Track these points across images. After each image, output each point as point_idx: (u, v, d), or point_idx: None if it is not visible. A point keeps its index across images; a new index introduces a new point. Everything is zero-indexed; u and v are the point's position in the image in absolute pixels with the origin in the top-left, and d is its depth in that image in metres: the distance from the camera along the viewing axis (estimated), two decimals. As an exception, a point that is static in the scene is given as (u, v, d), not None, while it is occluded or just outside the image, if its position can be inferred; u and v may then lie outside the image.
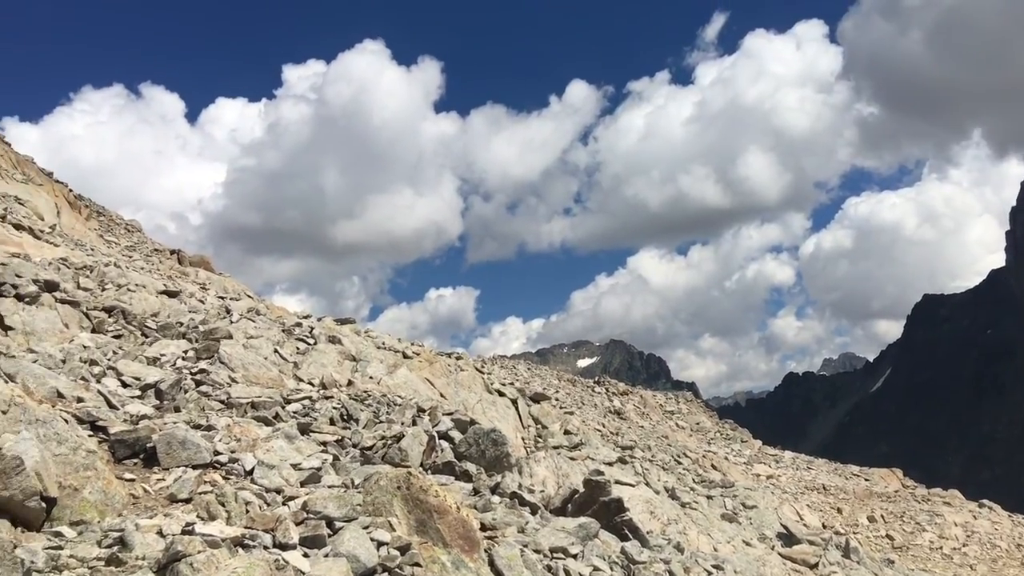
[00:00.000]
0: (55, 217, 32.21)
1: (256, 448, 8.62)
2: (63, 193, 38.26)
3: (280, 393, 11.66)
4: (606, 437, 31.51)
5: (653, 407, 51.45)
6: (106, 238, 35.80)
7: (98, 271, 17.23)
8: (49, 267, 15.38)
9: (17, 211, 27.21)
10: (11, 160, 37.31)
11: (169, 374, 10.88)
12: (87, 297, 14.01)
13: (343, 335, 17.39)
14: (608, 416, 43.72)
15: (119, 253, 31.96)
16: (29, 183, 34.51)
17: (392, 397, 13.13)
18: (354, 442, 10.28)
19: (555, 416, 20.95)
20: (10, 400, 7.22)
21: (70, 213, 35.56)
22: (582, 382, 53.61)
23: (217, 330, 13.74)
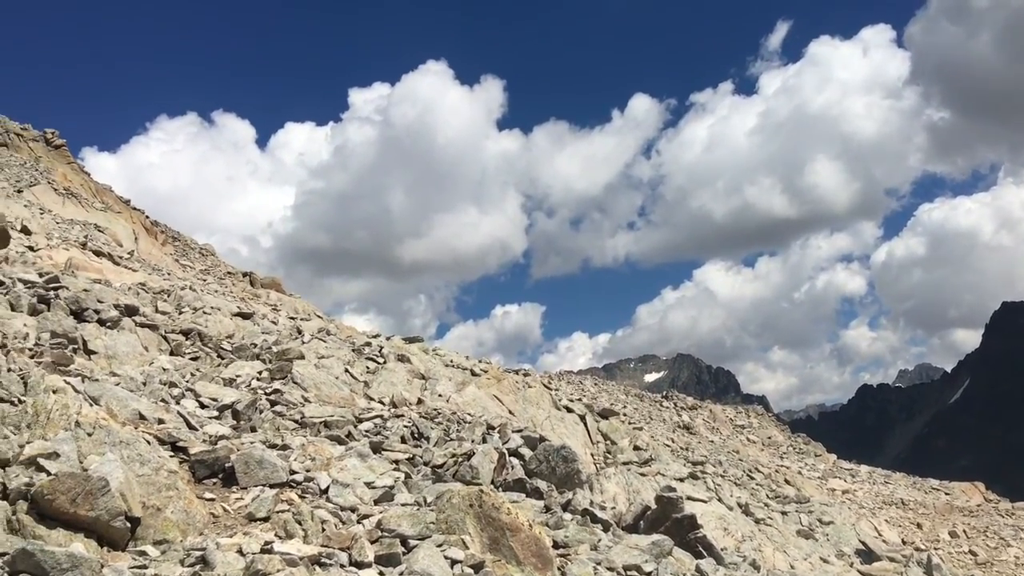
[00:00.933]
0: (133, 243, 33.26)
1: (330, 467, 8.75)
2: (140, 220, 39.52)
3: (352, 412, 11.82)
4: (676, 452, 31.13)
5: (723, 421, 50.68)
6: (181, 262, 36.82)
7: (175, 295, 17.73)
8: (129, 292, 15.88)
9: (97, 238, 28.19)
10: (91, 189, 38.69)
11: (245, 395, 11.12)
12: (165, 320, 14.43)
13: (412, 354, 17.58)
14: (677, 431, 43.21)
15: (194, 277, 32.84)
16: (108, 211, 35.72)
17: (462, 415, 13.21)
18: (425, 460, 10.36)
19: (624, 432, 20.80)
20: (95, 423, 7.46)
21: (147, 239, 36.67)
22: (650, 397, 53.11)
23: (290, 351, 14.01)
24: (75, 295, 12.77)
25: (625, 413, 38.01)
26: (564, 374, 59.83)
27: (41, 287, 12.78)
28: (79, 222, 30.53)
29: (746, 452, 42.30)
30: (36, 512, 5.93)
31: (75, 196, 34.89)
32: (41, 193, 32.22)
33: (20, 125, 39.88)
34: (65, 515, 5.97)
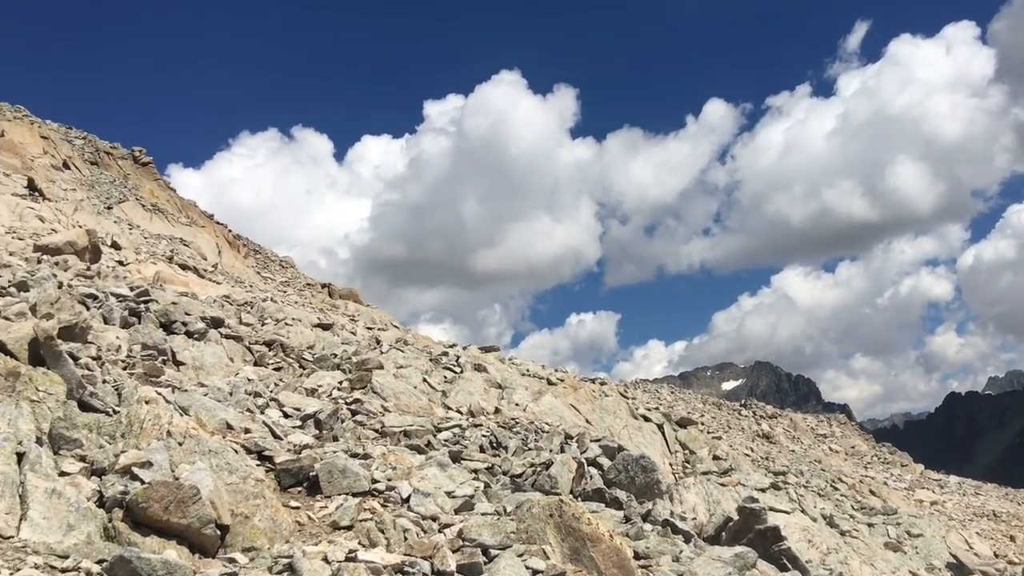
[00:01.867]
0: (217, 256, 34.21)
1: (411, 476, 8.85)
2: (223, 234, 40.63)
3: (431, 421, 11.93)
4: (756, 462, 30.60)
5: (804, 430, 49.64)
6: (263, 274, 37.71)
7: (258, 307, 18.17)
8: (214, 304, 16.33)
9: (183, 252, 29.08)
10: (176, 204, 39.94)
11: (327, 404, 11.32)
12: (249, 332, 14.79)
13: (488, 363, 17.67)
14: (756, 440, 42.49)
15: (275, 288, 33.61)
16: (193, 225, 36.83)
17: (539, 424, 13.22)
18: (504, 469, 10.39)
19: (702, 441, 20.53)
20: (185, 432, 7.69)
21: (230, 252, 37.66)
22: (728, 405, 52.34)
23: (369, 361, 14.22)
24: (164, 308, 13.18)
25: (703, 422, 37.54)
26: (640, 383, 59.41)
27: (132, 300, 13.22)
28: (165, 237, 31.55)
29: (829, 462, 41.32)
30: (131, 519, 6.12)
31: (161, 211, 36.06)
32: (130, 209, 33.38)
33: (109, 144, 41.42)
34: (158, 522, 6.16)
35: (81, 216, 27.00)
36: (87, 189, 32.28)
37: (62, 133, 38.25)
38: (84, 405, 7.53)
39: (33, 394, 7.08)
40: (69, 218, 25.41)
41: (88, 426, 7.15)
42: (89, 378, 7.98)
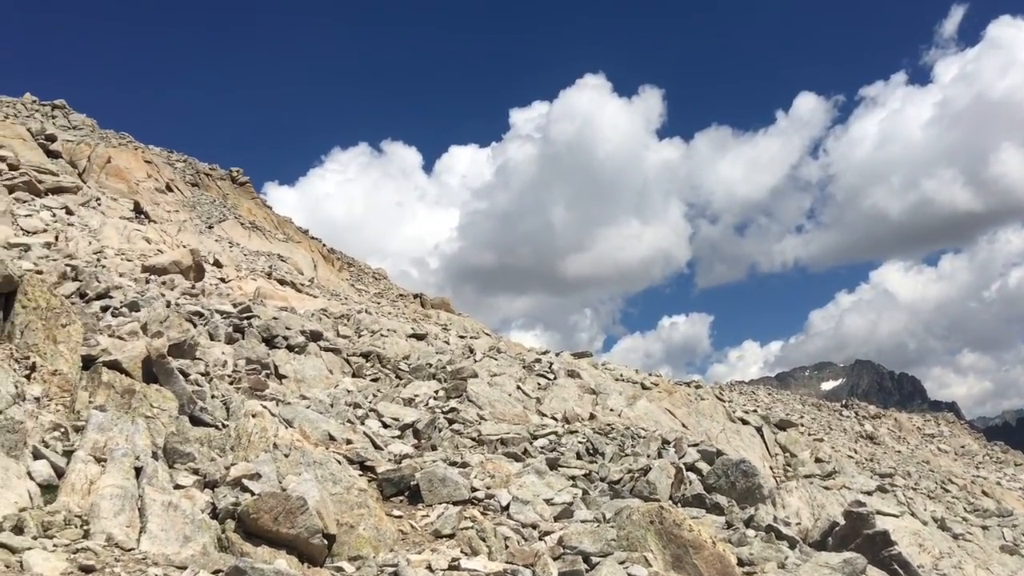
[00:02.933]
0: (312, 270, 35.08)
1: (509, 484, 8.91)
2: (318, 248, 41.67)
3: (527, 429, 11.99)
4: (860, 464, 29.70)
5: (910, 430, 47.96)
6: (357, 287, 38.50)
7: (354, 319, 18.56)
8: (312, 318, 16.76)
9: (280, 267, 29.91)
10: (273, 221, 41.12)
11: (424, 414, 11.50)
12: (346, 344, 15.12)
13: (581, 369, 17.64)
14: (860, 441, 41.21)
15: (369, 300, 34.27)
16: (289, 241, 37.85)
17: (635, 429, 13.13)
18: (601, 476, 10.37)
19: (803, 444, 20.04)
20: (291, 444, 7.92)
21: (325, 266, 38.57)
22: (828, 406, 50.94)
23: (463, 370, 14.37)
24: (266, 323, 13.59)
25: (803, 424, 36.65)
26: (735, 384, 58.38)
27: (235, 317, 13.68)
28: (264, 253, 32.51)
29: (937, 462, 39.82)
30: (243, 530, 6.33)
31: (259, 229, 37.16)
32: (229, 228, 34.51)
33: (209, 165, 42.96)
34: (268, 533, 6.36)
35: (184, 236, 28.05)
36: (189, 210, 33.52)
37: (164, 157, 39.83)
38: (195, 420, 7.83)
39: (148, 410, 7.41)
40: (173, 238, 26.42)
41: (199, 440, 7.44)
42: (199, 393, 8.30)
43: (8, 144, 26.65)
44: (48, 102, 38.14)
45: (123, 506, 5.68)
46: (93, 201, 25.64)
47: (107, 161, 31.65)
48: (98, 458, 6.06)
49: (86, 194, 25.97)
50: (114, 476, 5.84)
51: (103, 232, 22.44)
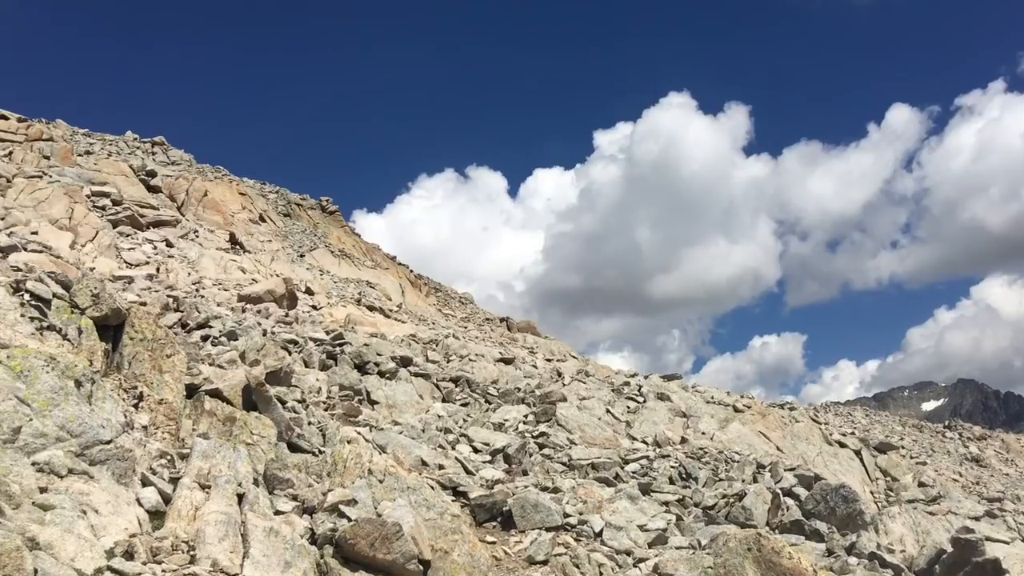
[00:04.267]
0: (400, 296, 35.62)
1: (602, 509, 8.84)
2: (405, 274, 42.30)
3: (617, 453, 11.90)
4: (966, 488, 28.51)
5: (1018, 452, 45.78)
6: (444, 311, 38.90)
7: (442, 344, 18.74)
8: (402, 344, 16.99)
9: (369, 294, 30.47)
10: (361, 249, 41.94)
11: (514, 439, 11.51)
12: (436, 369, 15.28)
13: (671, 391, 17.45)
14: (965, 464, 39.56)
15: (456, 324, 34.58)
16: (377, 268, 38.54)
17: (729, 453, 12.89)
18: (695, 501, 10.20)
19: (905, 467, 19.35)
20: (385, 470, 8.02)
21: (412, 291, 39.11)
22: (930, 427, 49.05)
23: (552, 393, 14.36)
24: (357, 350, 13.84)
25: (904, 446, 35.41)
26: (831, 405, 56.82)
27: (328, 344, 13.97)
28: (353, 280, 33.18)
29: (1050, 486, 37.90)
30: (340, 556, 6.43)
31: (348, 256, 37.97)
32: (320, 256, 35.36)
33: (299, 196, 44.16)
34: (365, 559, 6.44)
35: (277, 265, 28.83)
36: (281, 239, 34.47)
37: (257, 189, 41.11)
38: (293, 446, 8.01)
39: (248, 437, 7.61)
40: (267, 268, 27.19)
41: (297, 466, 7.61)
42: (296, 420, 8.49)
43: (112, 180, 27.90)
44: (148, 139, 39.84)
45: (227, 532, 5.83)
46: (191, 233, 26.60)
47: (204, 194, 32.83)
48: (202, 485, 6.24)
49: (184, 227, 26.96)
50: (218, 502, 6.01)
51: (201, 263, 23.24)
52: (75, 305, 7.59)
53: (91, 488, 5.61)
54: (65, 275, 8.28)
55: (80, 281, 7.90)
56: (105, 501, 5.59)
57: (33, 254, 14.99)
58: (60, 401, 6.00)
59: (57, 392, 6.03)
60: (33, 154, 27.06)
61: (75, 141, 33.03)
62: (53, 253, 16.01)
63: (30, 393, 5.90)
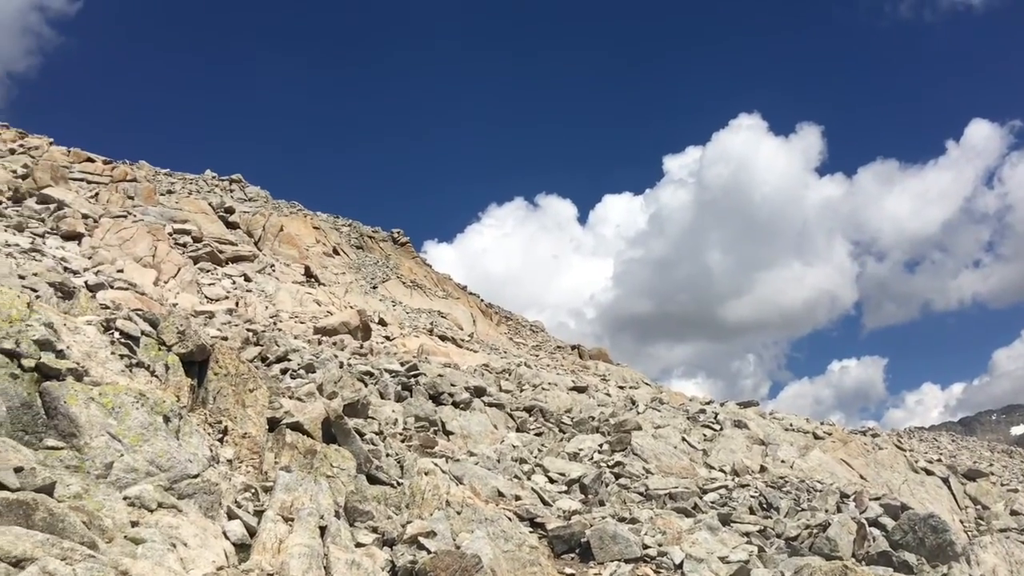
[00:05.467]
0: (472, 326, 35.82)
1: (681, 541, 8.71)
2: (476, 303, 42.56)
3: (695, 483, 11.73)
4: (1063, 516, 27.25)
5: (1120, 477, 43.64)
6: (515, 340, 38.97)
7: (515, 373, 18.78)
8: (475, 374, 17.08)
9: (441, 324, 30.72)
10: (432, 279, 42.37)
11: (590, 469, 11.44)
12: (509, 399, 15.30)
13: (748, 419, 17.13)
14: (1061, 491, 37.85)
15: (527, 353, 34.61)
16: (448, 298, 38.87)
17: (810, 482, 12.60)
18: (777, 532, 9.99)
19: (996, 495, 18.62)
20: (462, 501, 8.05)
21: (483, 320, 39.30)
22: (1020, 453, 47.13)
23: (626, 422, 14.24)
24: (432, 380, 13.95)
25: (993, 472, 34.09)
26: (915, 431, 55.09)
27: (403, 375, 14.12)
28: (425, 310, 33.51)
29: None
30: (421, 587, 6.46)
31: (420, 287, 38.38)
32: (392, 287, 35.82)
33: (371, 228, 44.89)
34: (446, 590, 6.46)
35: (351, 297, 29.30)
36: (354, 272, 35.04)
37: (331, 222, 41.94)
38: (372, 478, 8.10)
39: (328, 470, 7.72)
40: (341, 300, 27.65)
41: (377, 498, 7.69)
42: (374, 452, 8.58)
43: (192, 218, 28.77)
44: (226, 177, 41.03)
45: (310, 564, 5.91)
46: (268, 268, 27.23)
47: (280, 229, 33.62)
48: (286, 517, 6.35)
49: (262, 261, 27.62)
50: (301, 535, 6.11)
51: (278, 297, 23.76)
52: (162, 342, 7.83)
53: (180, 521, 5.76)
54: (152, 313, 8.57)
55: (166, 319, 8.16)
56: (193, 534, 5.73)
57: (119, 291, 15.52)
58: (150, 436, 6.19)
59: (147, 428, 6.22)
60: (118, 195, 28.09)
61: (157, 181, 34.20)
62: (138, 290, 16.55)
63: (121, 429, 6.10)
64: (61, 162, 28.36)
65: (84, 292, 10.34)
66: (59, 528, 4.77)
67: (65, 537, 4.71)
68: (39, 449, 5.67)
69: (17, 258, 14.76)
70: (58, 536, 4.64)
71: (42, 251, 17.00)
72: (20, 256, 15.37)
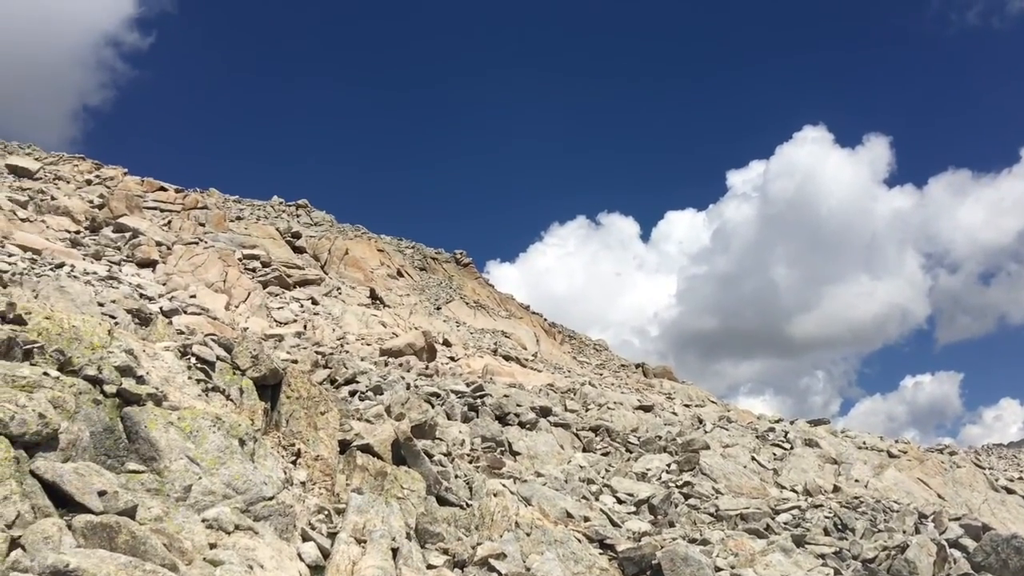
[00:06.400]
0: (535, 345, 35.84)
1: (755, 563, 8.58)
2: (539, 323, 42.58)
3: (767, 503, 11.54)
4: None
5: None
6: (579, 359, 38.86)
7: (580, 393, 18.73)
8: (540, 393, 17.08)
9: (505, 344, 30.80)
10: (495, 299, 42.54)
11: (658, 489, 11.34)
12: (575, 419, 15.26)
13: (819, 437, 16.80)
14: None
15: (591, 372, 34.48)
16: (511, 318, 38.97)
17: (886, 502, 12.29)
18: (853, 554, 9.75)
19: (1084, 514, 17.92)
20: (531, 523, 8.06)
21: (547, 340, 39.28)
22: (1108, 469, 45.28)
23: (694, 441, 14.09)
24: (498, 401, 14.01)
25: (1080, 490, 32.76)
26: (993, 448, 53.39)
27: (469, 396, 14.20)
28: (488, 331, 33.65)
29: None
30: (492, 609, 6.48)
31: (483, 307, 38.57)
32: (456, 308, 36.07)
33: (434, 250, 45.37)
34: (517, 613, 6.46)
35: (416, 319, 29.58)
36: (418, 293, 35.41)
37: (394, 245, 42.50)
38: (441, 500, 8.15)
39: (398, 491, 7.80)
40: (406, 321, 27.93)
41: (446, 520, 7.73)
42: (443, 473, 8.64)
43: (261, 243, 29.41)
44: (292, 202, 41.87)
45: (383, 586, 5.98)
46: (334, 291, 27.67)
47: (345, 253, 34.18)
48: (358, 539, 6.44)
49: (328, 284, 28.08)
50: (374, 557, 6.18)
51: (344, 319, 24.12)
52: (236, 366, 8.02)
53: (256, 543, 5.87)
54: (227, 338, 8.78)
55: (240, 343, 8.35)
56: (269, 556, 5.84)
57: (193, 316, 15.95)
58: (226, 460, 6.34)
59: (223, 451, 6.37)
60: (190, 222, 28.88)
61: (227, 208, 35.07)
62: (210, 315, 16.97)
63: (199, 452, 6.26)
64: (135, 191, 29.29)
65: (160, 318, 10.65)
66: (141, 551, 4.91)
67: (147, 559, 4.84)
68: (121, 473, 5.84)
69: (95, 286, 15.29)
70: (140, 558, 4.78)
71: (119, 278, 17.57)
72: (98, 284, 15.91)
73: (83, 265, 18.10)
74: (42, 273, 15.23)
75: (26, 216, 22.48)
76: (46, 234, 21.26)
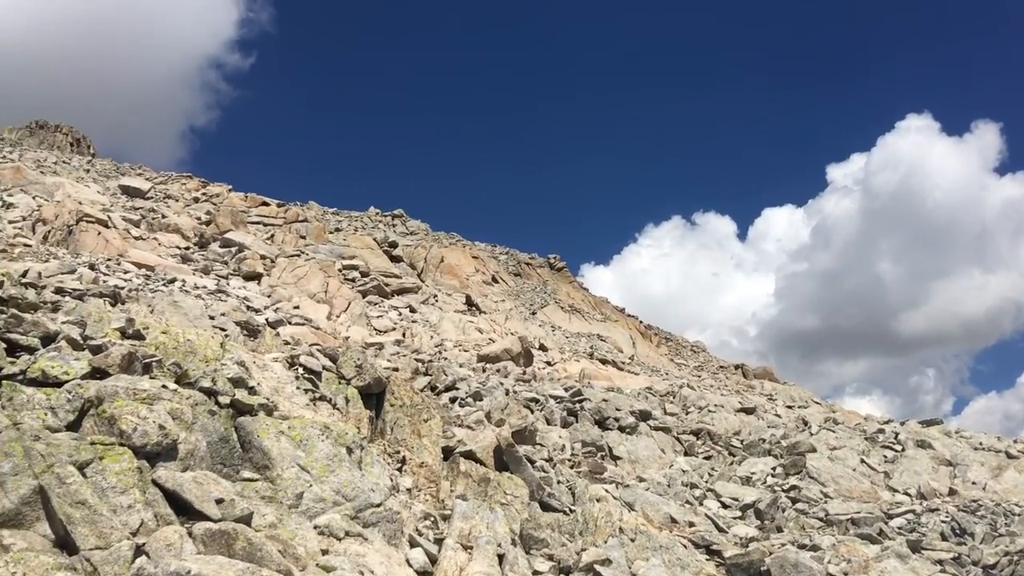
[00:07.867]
0: (632, 348, 35.58)
1: (869, 569, 8.32)
2: (635, 325, 42.28)
3: (879, 507, 11.18)
4: None
5: None
6: (675, 361, 38.41)
7: (679, 395, 18.51)
8: (639, 397, 16.95)
9: (601, 347, 30.68)
10: (590, 302, 42.42)
11: (764, 493, 11.11)
12: (675, 422, 15.09)
13: (932, 438, 16.16)
14: None
15: (689, 374, 34.02)
16: (607, 321, 38.80)
17: (1007, 505, 11.75)
18: (973, 559, 9.36)
19: None
20: (635, 528, 8.00)
21: (643, 342, 38.96)
22: None
23: (800, 444, 13.75)
24: (596, 405, 13.96)
25: None
26: (1123, 447, 50.44)
27: (568, 400, 14.20)
28: (584, 334, 33.57)
29: None
30: (600, 616, 6.46)
31: (578, 311, 38.50)
32: (551, 312, 36.11)
33: (528, 255, 45.54)
34: (625, 619, 6.43)
35: (511, 324, 29.74)
36: (513, 299, 35.59)
37: (489, 251, 42.85)
38: (544, 505, 8.17)
39: (502, 497, 7.85)
40: (502, 327, 28.11)
41: (550, 525, 7.75)
42: (545, 479, 8.66)
43: (359, 254, 30.06)
44: (389, 212, 42.69)
45: (490, 592, 6.03)
46: (431, 298, 28.06)
47: (440, 260, 34.64)
48: (464, 545, 6.51)
49: (425, 292, 28.49)
50: (481, 563, 6.24)
51: (441, 326, 24.43)
52: (341, 376, 8.22)
53: (366, 550, 6.00)
54: (332, 348, 9.00)
55: (345, 353, 8.55)
56: (379, 562, 5.95)
57: (297, 327, 16.39)
58: (335, 467, 6.50)
59: (332, 459, 6.54)
60: (291, 235, 29.74)
61: (326, 220, 35.97)
62: (313, 325, 17.42)
63: (309, 460, 6.44)
64: (239, 207, 30.33)
65: (268, 330, 10.99)
66: (258, 557, 5.07)
67: (264, 565, 5.00)
68: (236, 481, 6.06)
69: (205, 299, 15.87)
70: (257, 564, 4.94)
71: (227, 292, 18.20)
72: (208, 297, 16.51)
73: (193, 280, 18.83)
74: (156, 289, 15.90)
75: (139, 234, 23.54)
76: (158, 251, 22.22)
